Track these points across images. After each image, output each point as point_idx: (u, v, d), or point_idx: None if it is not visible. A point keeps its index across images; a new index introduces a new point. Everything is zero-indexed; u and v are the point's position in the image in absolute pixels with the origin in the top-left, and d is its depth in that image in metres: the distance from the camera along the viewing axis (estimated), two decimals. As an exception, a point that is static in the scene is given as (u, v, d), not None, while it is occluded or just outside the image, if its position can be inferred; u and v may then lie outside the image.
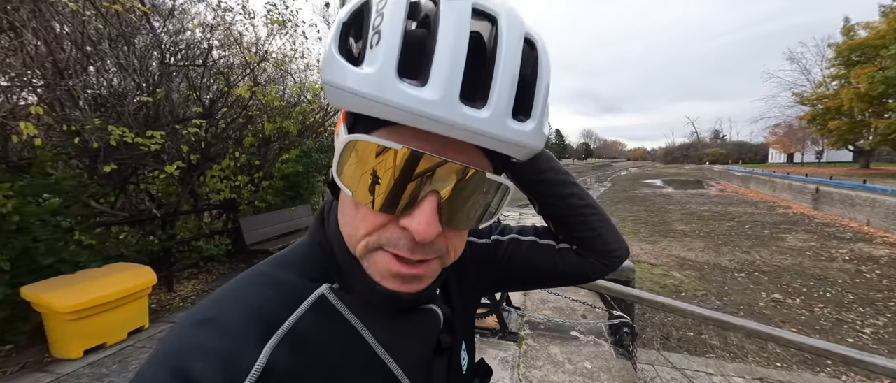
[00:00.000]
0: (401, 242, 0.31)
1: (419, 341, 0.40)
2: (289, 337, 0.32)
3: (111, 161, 3.21)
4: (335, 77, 0.27)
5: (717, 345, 5.40)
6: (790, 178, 18.84)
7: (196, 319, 0.31)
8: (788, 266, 8.55)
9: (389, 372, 0.36)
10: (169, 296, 3.98)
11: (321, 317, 0.34)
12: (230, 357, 0.29)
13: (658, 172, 54.11)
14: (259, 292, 0.34)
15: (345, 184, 0.31)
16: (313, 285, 0.36)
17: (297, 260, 0.38)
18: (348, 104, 0.28)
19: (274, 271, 0.37)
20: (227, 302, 0.33)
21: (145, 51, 3.43)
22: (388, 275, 0.32)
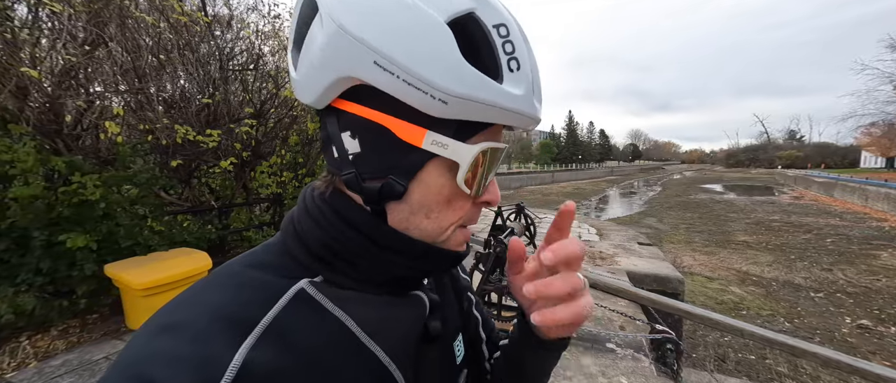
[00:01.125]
0: (475, 215, 0.39)
1: (405, 326, 0.40)
2: (266, 336, 0.31)
3: (177, 156, 3.61)
4: (479, 92, 0.31)
5: (785, 373, 4.74)
6: (888, 186, 16.05)
7: (159, 325, 0.29)
8: (881, 288, 7.29)
9: (377, 360, 0.36)
10: (222, 281, 4.38)
11: (302, 312, 0.34)
12: (199, 362, 0.27)
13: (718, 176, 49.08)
14: (231, 293, 0.33)
15: (465, 186, 0.35)
16: (290, 281, 0.35)
17: (271, 258, 0.37)
18: (483, 115, 0.32)
19: (246, 271, 0.35)
20: (194, 306, 0.31)
21: (207, 58, 3.82)
22: (461, 242, 0.39)
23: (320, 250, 0.36)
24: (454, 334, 0.48)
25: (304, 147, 5.22)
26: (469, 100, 0.30)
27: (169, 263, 3.27)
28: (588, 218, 11.79)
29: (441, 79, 0.30)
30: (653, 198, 25.14)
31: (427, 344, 0.42)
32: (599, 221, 10.16)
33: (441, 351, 0.45)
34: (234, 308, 0.31)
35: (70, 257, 2.93)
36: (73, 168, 2.91)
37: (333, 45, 0.30)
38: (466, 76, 0.30)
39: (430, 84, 0.30)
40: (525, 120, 0.34)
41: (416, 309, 0.41)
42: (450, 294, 0.50)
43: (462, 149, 0.33)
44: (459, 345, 0.48)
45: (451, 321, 0.47)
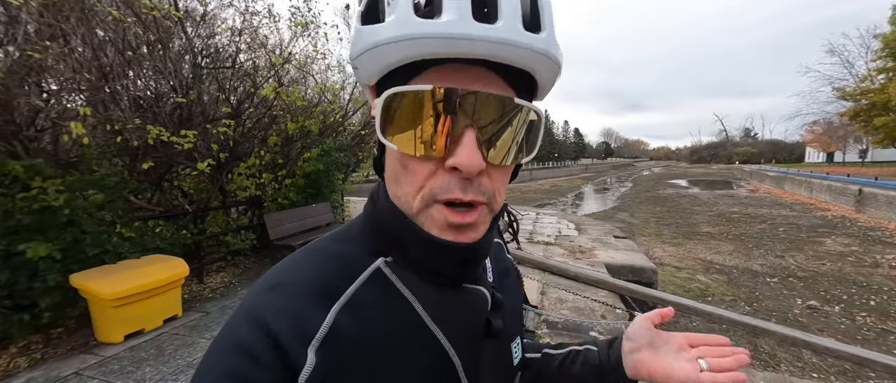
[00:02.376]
0: (451, 184, 0.33)
1: (466, 318, 0.41)
2: (349, 305, 0.35)
3: (148, 159, 3.42)
4: (364, 40, 0.32)
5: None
6: (830, 179, 17.66)
7: (268, 284, 0.36)
8: (827, 272, 8.03)
9: (439, 344, 0.38)
10: (199, 288, 4.20)
11: (377, 288, 0.37)
12: (300, 315, 0.33)
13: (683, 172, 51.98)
14: (323, 264, 0.38)
15: (389, 140, 0.33)
16: (370, 258, 0.39)
17: (354, 235, 0.41)
18: (377, 62, 0.32)
19: (334, 245, 0.40)
20: (294, 271, 0.37)
21: (179, 55, 3.63)
22: (445, 227, 0.34)
23: (375, 230, 0.40)
24: (513, 335, 0.48)
25: (283, 147, 5.08)
26: (359, 56, 0.33)
27: (141, 271, 3.11)
28: (566, 214, 12.19)
29: (350, 49, 0.35)
30: (625, 193, 26.28)
31: (488, 340, 0.42)
32: (577, 217, 10.53)
33: (500, 350, 0.45)
34: (326, 277, 0.36)
35: (31, 268, 2.72)
36: (33, 172, 2.70)
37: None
38: (356, 36, 0.34)
39: (350, 57, 0.35)
40: (406, 46, 0.30)
41: (477, 302, 0.42)
42: (511, 296, 0.50)
43: (377, 103, 0.34)
44: (517, 347, 0.48)
45: (511, 321, 0.47)
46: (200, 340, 2.98)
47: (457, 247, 0.35)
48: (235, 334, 0.32)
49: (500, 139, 0.33)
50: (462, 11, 0.29)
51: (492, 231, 0.39)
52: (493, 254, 0.51)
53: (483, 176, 0.34)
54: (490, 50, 0.30)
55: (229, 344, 0.32)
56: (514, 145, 0.35)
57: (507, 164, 0.35)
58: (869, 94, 20.57)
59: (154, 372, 2.53)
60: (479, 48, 0.30)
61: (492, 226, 0.39)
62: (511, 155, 0.35)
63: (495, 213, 0.38)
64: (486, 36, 0.30)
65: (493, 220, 0.39)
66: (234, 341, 0.32)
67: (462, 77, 0.32)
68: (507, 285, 0.50)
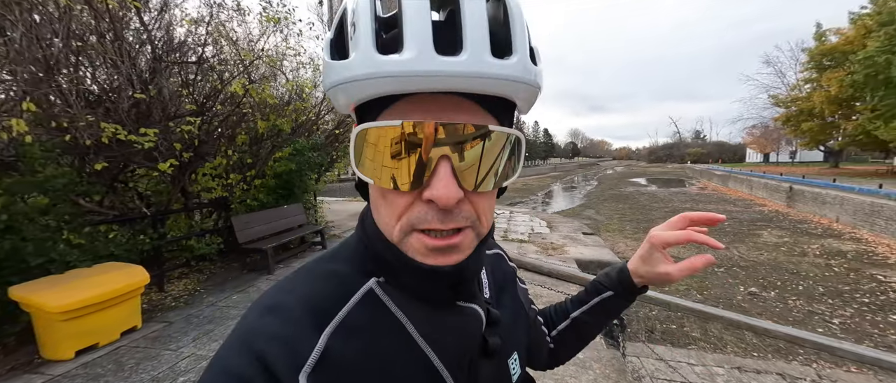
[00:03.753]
0: (429, 216, 0.32)
1: (460, 338, 0.40)
2: (342, 327, 0.35)
3: (101, 158, 3.15)
4: (332, 77, 0.32)
5: (698, 337, 5.64)
6: (766, 177, 19.63)
7: (263, 307, 0.36)
8: (764, 261, 8.96)
9: (432, 365, 0.37)
10: (160, 296, 3.92)
11: (369, 310, 0.37)
12: (292, 341, 0.33)
13: (643, 171, 55.36)
14: (315, 285, 0.38)
15: (365, 174, 0.33)
16: (362, 279, 0.39)
17: (348, 255, 0.41)
18: (346, 96, 0.32)
19: (327, 266, 0.40)
20: (288, 293, 0.37)
21: (136, 47, 3.36)
22: (426, 252, 0.34)
23: (367, 251, 0.40)
24: (510, 350, 0.47)
25: (252, 146, 4.86)
26: (330, 89, 0.33)
27: (94, 281, 2.86)
28: (538, 212, 12.61)
29: (323, 81, 0.35)
30: (590, 191, 27.57)
31: (484, 359, 0.42)
32: (548, 214, 10.94)
33: (497, 367, 0.44)
34: (319, 299, 0.37)
35: (-40, 282, 2.42)
36: (-38, 174, 2.40)
37: None
38: (325, 69, 0.34)
39: (323, 87, 0.36)
40: (417, 80, 0.29)
41: (471, 321, 0.41)
42: (510, 309, 0.50)
43: (352, 135, 0.34)
44: (515, 363, 0.47)
45: (510, 337, 0.47)
46: (164, 352, 2.80)
47: (442, 270, 0.35)
48: (229, 361, 0.33)
49: (479, 167, 0.33)
50: (423, 46, 0.29)
51: (479, 251, 0.38)
52: (490, 267, 0.50)
53: (464, 203, 0.33)
54: (456, 84, 0.30)
55: (223, 371, 0.32)
56: (493, 170, 0.34)
57: (488, 191, 0.34)
58: (797, 101, 23.12)
59: (114, 388, 2.35)
60: (443, 83, 0.29)
61: (479, 248, 0.38)
62: (491, 181, 0.34)
63: (483, 235, 0.37)
64: (450, 71, 0.29)
65: (482, 242, 0.38)
66: (227, 368, 0.32)
67: (435, 107, 0.31)
68: (505, 299, 0.50)
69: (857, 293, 6.81)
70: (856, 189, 11.95)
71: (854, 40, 17.04)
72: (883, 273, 7.74)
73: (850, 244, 9.88)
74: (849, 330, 5.61)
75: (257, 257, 4.72)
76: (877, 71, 12.73)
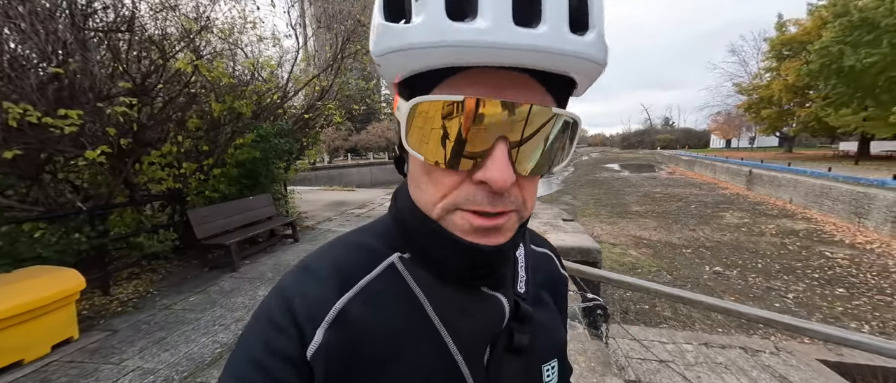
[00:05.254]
0: (478, 197, 0.32)
1: (478, 324, 0.39)
2: (361, 294, 0.37)
3: (14, 145, 2.66)
4: (388, 41, 0.29)
5: (669, 316, 5.91)
6: (728, 162, 20.82)
7: (300, 266, 0.40)
8: (727, 241, 9.50)
9: (445, 347, 0.37)
10: (105, 301, 3.51)
11: (389, 282, 0.38)
12: (315, 298, 0.36)
13: (616, 157, 57.47)
14: (345, 253, 0.41)
15: (414, 149, 0.32)
16: (388, 253, 0.40)
17: (378, 230, 0.43)
18: (405, 64, 0.29)
19: (358, 238, 0.43)
20: (321, 258, 0.40)
21: (50, 12, 2.81)
22: (469, 230, 0.33)
23: (397, 229, 0.41)
24: (546, 355, 0.43)
25: (209, 132, 4.38)
26: (384, 55, 0.30)
27: (14, 288, 2.47)
28: (516, 198, 12.66)
29: (373, 44, 0.30)
30: (567, 177, 28.28)
31: (509, 354, 0.40)
32: (527, 201, 11.00)
33: (526, 368, 0.41)
34: (345, 266, 0.39)
35: None
36: None
37: None
38: (380, 31, 0.30)
39: (372, 52, 0.31)
40: (438, 52, 0.27)
41: (493, 309, 0.40)
42: (551, 312, 0.47)
43: (402, 107, 0.31)
44: (551, 371, 0.43)
45: (545, 340, 0.44)
46: (104, 366, 2.47)
47: (483, 249, 0.34)
48: (268, 307, 0.37)
49: (533, 151, 0.31)
50: (501, 14, 0.26)
51: (518, 236, 0.37)
52: (532, 263, 0.48)
53: (513, 186, 0.32)
54: (531, 59, 0.28)
55: (263, 315, 0.37)
56: (549, 156, 0.32)
57: (540, 174, 0.34)
58: (758, 89, 24.44)
59: (38, 414, 2.03)
60: (517, 58, 0.27)
61: (519, 232, 0.37)
62: (545, 166, 0.33)
63: (525, 219, 0.37)
64: (527, 44, 0.27)
65: (522, 226, 0.37)
66: (266, 313, 0.37)
67: (496, 82, 0.30)
68: (545, 300, 0.47)
69: (808, 269, 7.36)
70: (808, 172, 12.83)
71: (811, 31, 18.04)
72: (830, 250, 8.40)
73: (802, 223, 10.67)
74: (802, 304, 6.05)
75: (220, 253, 4.36)
76: (831, 60, 13.53)
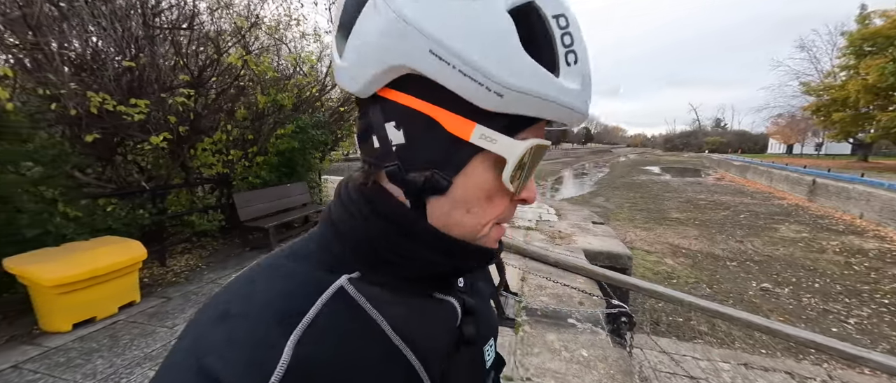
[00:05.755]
0: (511, 213, 0.37)
1: (437, 330, 0.40)
2: (310, 330, 0.31)
3: (93, 129, 3.04)
4: (537, 86, 0.30)
5: (705, 331, 5.51)
6: (788, 169, 18.87)
7: (216, 313, 0.31)
8: (780, 256, 8.66)
9: (407, 361, 0.36)
10: (162, 271, 3.93)
11: (340, 309, 0.34)
12: (254, 352, 0.29)
13: (657, 159, 54.09)
14: (278, 284, 0.34)
15: (509, 182, 0.33)
16: (331, 276, 0.35)
17: (313, 251, 0.38)
18: (525, 108, 0.31)
19: (288, 263, 0.36)
20: (245, 295, 0.33)
21: (125, 10, 3.16)
22: (496, 240, 0.39)
23: (359, 246, 0.36)
24: (486, 338, 0.47)
25: (254, 122, 4.71)
26: (526, 94, 0.29)
27: (90, 254, 2.83)
28: (546, 198, 12.40)
29: (499, 70, 0.28)
30: (601, 179, 27.08)
31: (459, 351, 0.42)
32: (557, 202, 10.73)
33: (471, 355, 0.44)
34: (281, 301, 0.32)
35: (-47, 252, 2.39)
36: (-54, 142, 2.32)
37: (388, 32, 0.29)
38: (526, 69, 0.29)
39: (488, 75, 0.28)
40: (576, 116, 0.32)
41: (449, 312, 0.41)
42: (483, 297, 0.50)
43: (511, 144, 0.32)
44: (490, 349, 0.48)
45: (484, 325, 0.46)
46: (160, 329, 2.78)
47: (494, 251, 0.39)
48: (181, 377, 0.28)
49: None
50: (586, 82, 0.32)
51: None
52: None
53: None
54: (579, 123, 0.34)
55: None
56: None
57: None
58: (831, 89, 21.79)
59: (106, 364, 2.34)
60: (579, 123, 0.33)
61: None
62: None
63: None
64: (587, 115, 0.33)
65: None
66: None
67: (544, 128, 0.35)
68: (478, 285, 0.50)
69: (877, 293, 6.53)
70: (885, 185, 11.31)
71: (902, 23, 15.71)
72: (908, 274, 7.40)
73: (873, 242, 9.45)
74: (865, 332, 5.40)
75: (259, 235, 4.70)
76: (924, 57, 11.73)
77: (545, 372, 2.23)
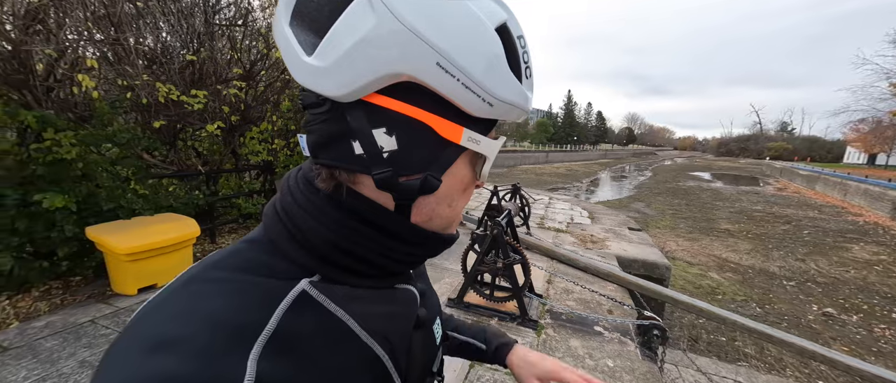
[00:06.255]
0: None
1: (401, 320, 0.42)
2: (272, 343, 0.29)
3: (160, 117, 3.39)
4: (508, 93, 0.34)
5: (752, 354, 5.04)
6: (868, 182, 16.56)
7: (153, 342, 0.26)
8: (849, 279, 7.68)
9: (374, 354, 0.37)
10: (212, 247, 4.31)
11: (305, 315, 0.33)
12: (209, 377, 0.25)
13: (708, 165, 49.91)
14: (227, 299, 0.30)
15: (486, 176, 0.39)
16: (289, 283, 0.33)
17: (261, 257, 0.35)
18: (505, 114, 0.35)
19: (236, 274, 0.32)
20: (188, 316, 0.28)
21: (190, 8, 3.49)
22: (457, 226, 0.42)
23: (325, 249, 0.35)
24: (434, 317, 0.51)
25: (296, 114, 4.99)
26: (508, 103, 0.34)
27: (154, 228, 3.17)
28: (580, 200, 11.92)
29: (494, 85, 0.32)
30: (642, 183, 25.50)
31: (417, 330, 0.45)
32: (591, 204, 10.28)
33: (424, 335, 0.47)
34: (234, 315, 0.29)
35: (48, 218, 2.79)
36: (46, 123, 2.71)
37: (392, 41, 0.29)
38: (510, 81, 0.34)
39: (484, 88, 0.32)
40: (524, 115, 0.37)
41: (409, 301, 0.44)
42: (425, 279, 0.54)
43: (489, 143, 0.36)
44: (438, 327, 0.52)
45: (430, 306, 0.50)
46: (209, 299, 3.06)
47: (455, 237, 0.42)
48: None
49: None
50: (531, 89, 0.37)
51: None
52: None
53: None
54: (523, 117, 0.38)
55: None
56: None
57: None
58: (930, 92, 18.72)
59: (164, 326, 2.62)
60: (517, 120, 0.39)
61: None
62: None
63: None
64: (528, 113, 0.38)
65: None
66: None
67: None
68: (420, 270, 0.53)
69: (974, 332, 5.59)
70: None
71: None
72: None
73: (973, 272, 8.06)
74: (956, 376, 4.65)
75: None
76: None
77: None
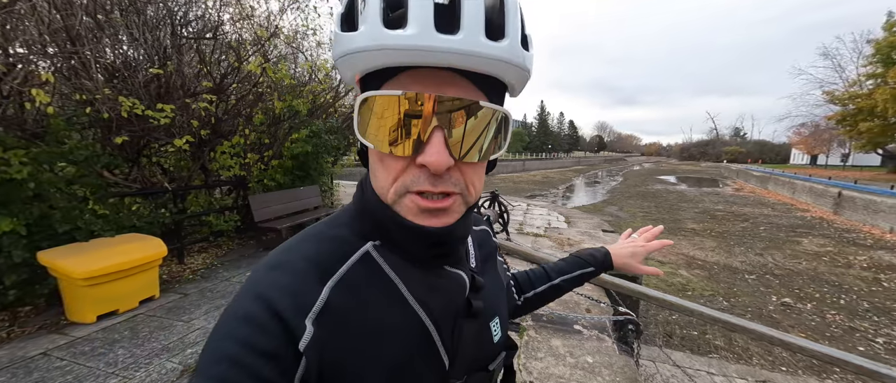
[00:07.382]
0: (421, 178, 0.36)
1: (445, 298, 0.44)
2: (341, 283, 0.39)
3: (122, 132, 3.23)
4: (340, 47, 0.35)
5: (722, 346, 5.32)
6: (812, 181, 18.14)
7: (270, 264, 0.39)
8: (802, 270, 8.32)
9: (421, 322, 0.42)
10: (180, 268, 4.08)
11: (366, 270, 0.41)
12: (298, 292, 0.36)
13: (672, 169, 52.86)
14: (317, 246, 0.41)
15: (366, 139, 0.37)
16: (360, 242, 0.42)
17: (346, 221, 0.45)
18: (352, 66, 0.36)
19: (328, 230, 0.44)
20: (293, 253, 0.40)
21: (155, 21, 3.38)
22: (417, 212, 0.38)
23: (370, 216, 0.43)
24: (493, 314, 0.52)
25: (270, 127, 4.90)
26: (338, 60, 0.36)
27: (116, 250, 2.98)
28: (557, 206, 12.27)
29: (332, 52, 0.37)
30: (614, 187, 26.62)
31: (468, 319, 0.46)
32: (567, 209, 10.61)
33: (479, 327, 0.48)
34: (321, 258, 0.40)
35: (-7, 243, 2.57)
36: (-8, 142, 2.52)
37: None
38: (335, 40, 0.36)
39: (332, 58, 0.38)
40: (418, 53, 0.33)
41: (456, 285, 0.46)
42: (493, 278, 0.55)
43: (356, 102, 0.37)
44: (497, 326, 0.52)
45: (491, 302, 0.51)
46: (177, 323, 2.90)
47: (429, 231, 0.39)
48: (243, 307, 0.35)
49: (469, 139, 0.36)
50: (425, 23, 0.32)
51: (466, 218, 0.43)
52: (477, 240, 0.56)
53: (454, 170, 0.37)
54: (451, 60, 0.33)
55: (237, 316, 0.35)
56: (483, 142, 0.37)
57: (475, 161, 0.38)
58: (857, 98, 21.00)
59: (127, 353, 2.45)
60: (440, 59, 0.33)
61: (466, 215, 0.43)
62: (480, 153, 0.38)
63: (470, 204, 0.41)
64: (446, 47, 0.32)
65: (469, 210, 0.43)
66: (241, 314, 0.35)
67: (433, 81, 0.35)
68: (489, 269, 0.55)
69: (908, 312, 6.19)
70: (918, 198, 10.75)
71: (932, 30, 15.07)
72: (943, 292, 6.98)
73: (905, 258, 8.97)
74: (895, 352, 5.12)
75: (272, 236, 4.83)
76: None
77: (549, 377, 2.22)
